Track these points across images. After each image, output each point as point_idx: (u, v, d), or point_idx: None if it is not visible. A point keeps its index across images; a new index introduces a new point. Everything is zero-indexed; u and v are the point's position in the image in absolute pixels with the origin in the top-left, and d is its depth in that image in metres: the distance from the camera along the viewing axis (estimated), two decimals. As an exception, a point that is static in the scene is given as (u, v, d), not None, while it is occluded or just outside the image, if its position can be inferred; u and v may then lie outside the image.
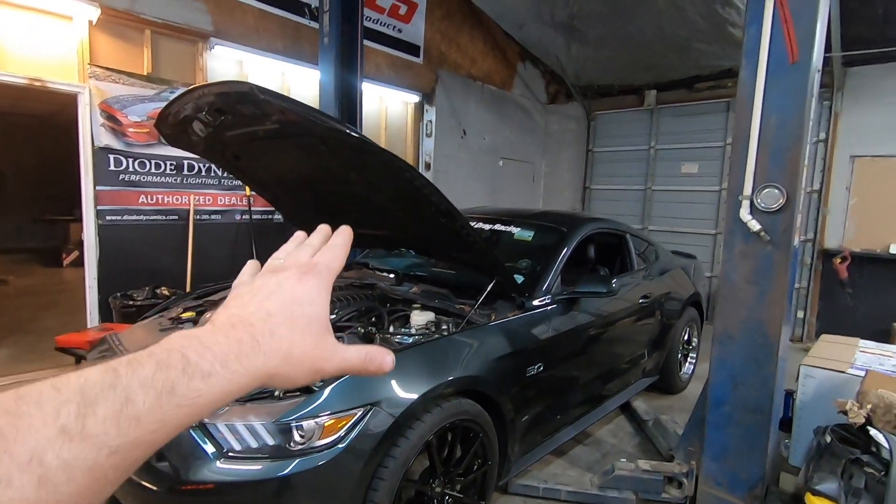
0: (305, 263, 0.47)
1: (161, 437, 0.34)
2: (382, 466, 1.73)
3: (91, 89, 3.81)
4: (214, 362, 0.36)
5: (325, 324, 0.44)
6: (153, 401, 0.33)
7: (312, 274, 0.45)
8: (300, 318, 0.42)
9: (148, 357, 0.34)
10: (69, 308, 5.77)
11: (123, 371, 0.33)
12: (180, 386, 0.34)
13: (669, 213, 7.03)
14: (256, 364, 0.38)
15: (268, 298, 0.42)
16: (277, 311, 0.41)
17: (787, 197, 2.06)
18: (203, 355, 0.36)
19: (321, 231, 0.54)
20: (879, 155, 5.49)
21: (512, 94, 7.56)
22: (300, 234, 0.54)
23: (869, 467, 1.89)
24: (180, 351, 0.35)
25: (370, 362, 0.45)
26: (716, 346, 2.31)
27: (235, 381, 0.37)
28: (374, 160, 1.95)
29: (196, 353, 0.36)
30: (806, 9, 2.00)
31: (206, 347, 0.36)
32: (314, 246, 0.51)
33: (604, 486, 2.56)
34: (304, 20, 5.02)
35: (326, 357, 0.43)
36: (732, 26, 4.97)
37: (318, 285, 0.45)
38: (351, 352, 0.45)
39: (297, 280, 0.44)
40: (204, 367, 0.35)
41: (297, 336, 0.41)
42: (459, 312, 2.39)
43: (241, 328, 0.39)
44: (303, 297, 0.43)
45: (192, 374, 0.35)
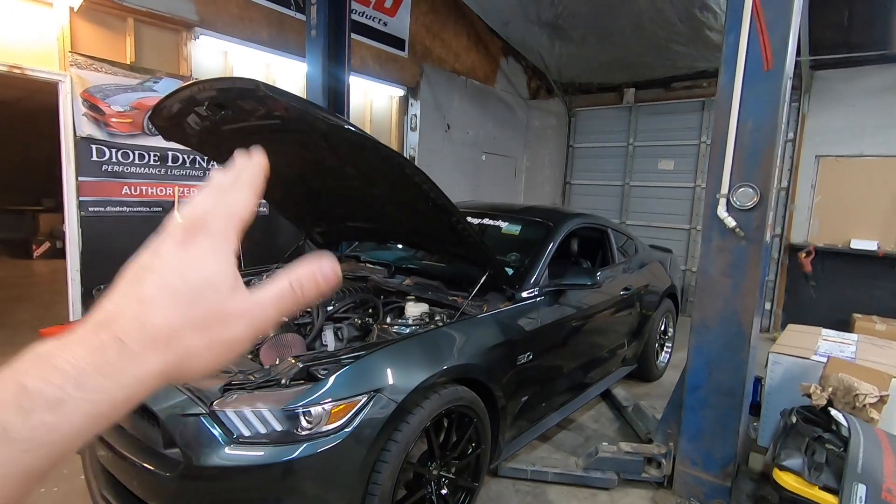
0: (193, 220, 0.36)
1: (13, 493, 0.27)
2: (385, 450, 1.81)
3: (72, 77, 3.73)
4: (65, 385, 0.28)
5: (226, 285, 0.35)
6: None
7: (201, 231, 0.35)
8: (181, 292, 0.33)
9: None
10: (44, 301, 5.64)
11: None
12: (16, 427, 0.27)
13: (646, 208, 7.26)
14: (129, 371, 0.31)
15: (140, 280, 0.34)
16: (152, 295, 0.33)
17: (761, 196, 2.22)
18: (49, 379, 0.28)
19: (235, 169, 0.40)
20: (842, 155, 5.80)
21: (495, 89, 7.64)
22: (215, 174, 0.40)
23: (830, 444, 2.07)
24: (16, 379, 0.28)
25: (302, 287, 0.37)
26: (694, 335, 2.46)
27: (103, 400, 0.30)
28: (374, 156, 2.02)
29: (39, 377, 0.28)
30: (780, 20, 2.14)
31: (53, 367, 0.29)
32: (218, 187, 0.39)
33: (588, 468, 2.70)
34: (289, 11, 4.99)
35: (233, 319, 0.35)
36: (709, 30, 5.15)
37: (211, 243, 0.35)
38: (266, 292, 0.36)
39: (178, 244, 0.35)
40: (50, 395, 0.28)
41: (178, 317, 0.33)
42: (453, 304, 2.48)
43: (103, 331, 0.31)
44: (185, 264, 0.34)
45: (32, 407, 0.27)
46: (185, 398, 1.71)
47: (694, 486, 2.51)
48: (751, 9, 2.17)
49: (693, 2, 4.89)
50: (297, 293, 0.37)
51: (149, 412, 1.71)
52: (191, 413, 1.66)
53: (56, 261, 7.15)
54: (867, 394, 2.31)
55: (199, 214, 0.37)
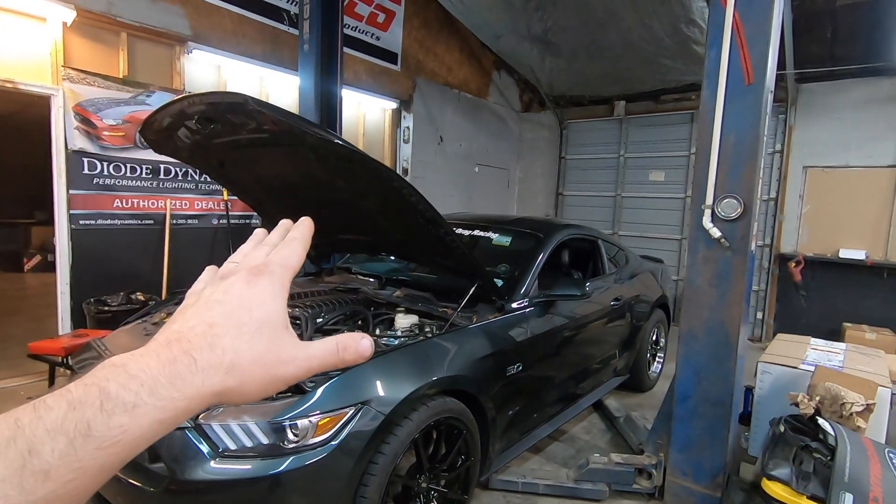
0: (257, 265, 0.42)
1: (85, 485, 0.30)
2: (373, 463, 1.80)
3: (65, 91, 3.75)
4: (140, 391, 0.32)
5: (281, 325, 0.40)
6: (64, 448, 0.29)
7: (264, 274, 0.41)
8: (247, 324, 0.38)
9: (59, 398, 0.31)
10: (35, 314, 5.59)
11: (27, 419, 0.30)
12: (98, 425, 0.30)
13: (638, 218, 7.32)
14: (195, 384, 0.35)
15: (210, 309, 0.39)
16: (221, 322, 0.38)
17: (745, 206, 2.25)
18: (127, 385, 0.32)
19: (281, 227, 0.50)
20: (829, 166, 5.89)
21: (487, 102, 7.73)
22: (259, 232, 0.50)
23: (817, 453, 2.07)
24: (99, 384, 0.32)
25: (344, 351, 0.42)
26: (682, 345, 2.48)
27: (169, 407, 0.33)
28: (363, 170, 2.04)
29: (119, 383, 0.32)
30: (760, 36, 2.19)
31: (132, 376, 0.33)
32: (272, 244, 0.47)
33: (579, 480, 2.69)
34: (282, 26, 5.05)
35: (286, 360, 0.39)
36: (695, 44, 5.25)
37: (271, 285, 0.41)
38: (317, 347, 0.41)
39: (245, 283, 0.40)
40: (127, 399, 0.32)
41: (243, 344, 0.37)
42: (442, 315, 2.49)
43: (175, 346, 0.35)
44: (251, 300, 0.39)
45: (113, 409, 0.31)
46: (171, 412, 1.69)
47: (685, 497, 2.50)
48: (731, 25, 2.23)
49: (679, 17, 4.99)
50: (340, 354, 0.42)
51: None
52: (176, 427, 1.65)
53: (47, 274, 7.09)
54: (854, 402, 2.33)
55: (262, 260, 0.44)
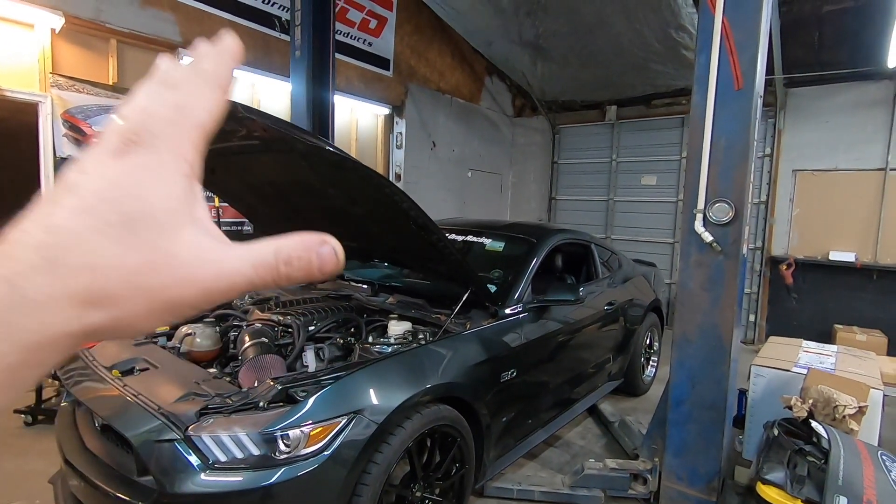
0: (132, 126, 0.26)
1: None
2: (366, 472, 1.78)
3: (53, 98, 3.71)
4: None
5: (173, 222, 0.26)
6: None
7: (141, 142, 0.26)
8: (111, 225, 0.25)
9: None
10: None
11: None
12: None
13: (630, 222, 7.35)
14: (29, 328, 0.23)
15: (56, 202, 0.25)
16: (67, 224, 0.24)
17: (736, 210, 2.26)
18: None
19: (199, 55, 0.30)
20: (818, 169, 5.95)
21: (480, 108, 7.75)
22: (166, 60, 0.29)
23: (811, 456, 2.07)
24: None
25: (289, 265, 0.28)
26: (675, 349, 2.48)
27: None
28: (354, 176, 2.02)
29: None
30: (749, 41, 2.21)
31: None
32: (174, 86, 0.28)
33: (574, 486, 2.68)
34: (274, 32, 5.04)
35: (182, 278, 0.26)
36: (685, 49, 5.30)
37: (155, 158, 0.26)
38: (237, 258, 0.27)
39: (111, 158, 0.26)
40: None
41: (104, 259, 0.24)
42: (436, 322, 2.48)
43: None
44: (120, 187, 0.25)
45: None
46: (160, 423, 1.67)
47: (680, 501, 2.50)
48: (720, 30, 2.25)
49: (669, 22, 5.04)
50: (280, 269, 0.28)
51: (121, 438, 1.67)
52: (165, 439, 1.63)
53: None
54: (846, 405, 2.34)
55: (142, 117, 0.27)
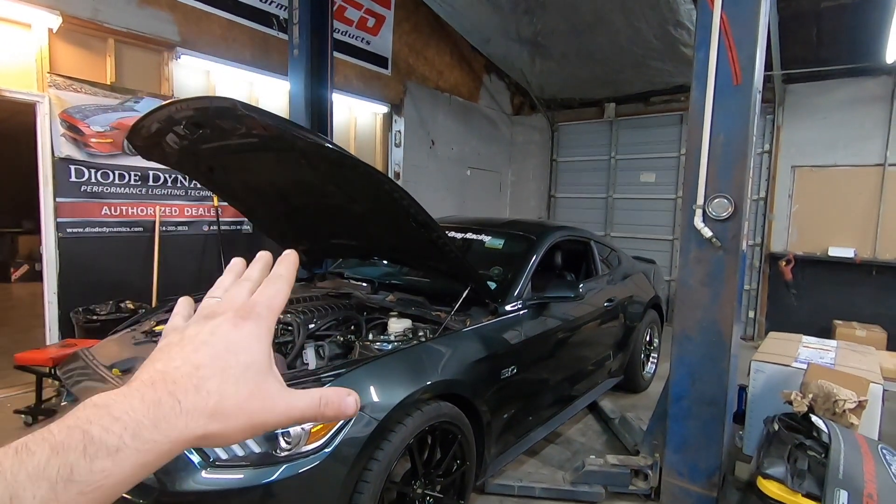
0: (242, 306, 0.42)
1: None
2: (367, 469, 1.78)
3: (51, 98, 3.71)
4: (124, 434, 0.31)
5: (266, 370, 0.40)
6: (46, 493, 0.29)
7: (251, 318, 0.41)
8: (233, 367, 0.38)
9: (41, 441, 0.30)
10: (22, 325, 5.51)
11: (8, 464, 0.29)
12: (80, 470, 0.30)
13: (630, 220, 7.35)
14: (178, 427, 0.34)
15: (197, 350, 0.38)
16: (207, 364, 0.37)
17: (735, 206, 2.26)
18: (110, 428, 0.31)
19: (261, 260, 0.49)
20: (817, 165, 5.95)
21: (478, 106, 7.75)
22: (237, 262, 0.49)
23: (811, 451, 2.08)
24: (82, 427, 0.31)
25: (326, 406, 0.41)
26: (675, 345, 2.48)
27: (152, 451, 0.33)
28: (353, 174, 2.02)
29: (102, 426, 0.31)
30: (747, 37, 2.21)
31: (115, 418, 0.32)
32: (253, 280, 0.45)
33: (575, 482, 2.68)
34: (272, 31, 5.03)
35: (268, 407, 0.38)
36: (684, 46, 5.30)
37: (257, 329, 0.40)
38: (300, 398, 0.40)
39: (232, 326, 0.40)
40: (110, 443, 0.31)
41: (228, 388, 0.37)
42: (436, 319, 2.48)
43: (160, 387, 0.35)
44: (238, 344, 0.39)
45: (96, 453, 0.30)
46: (161, 422, 1.66)
47: (681, 497, 2.50)
48: (719, 26, 2.24)
49: (667, 19, 5.04)
50: (320, 409, 0.41)
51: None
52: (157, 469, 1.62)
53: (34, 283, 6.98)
54: (846, 399, 2.34)
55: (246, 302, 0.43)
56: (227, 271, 0.48)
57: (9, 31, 3.56)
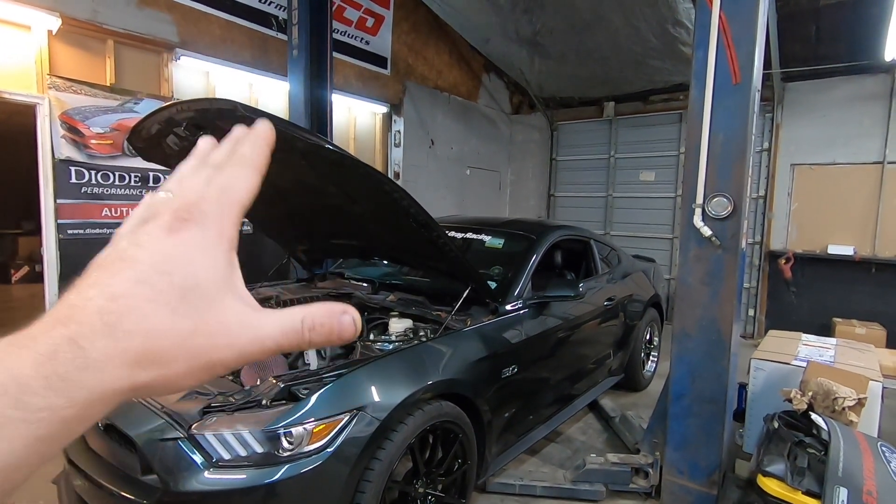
0: (185, 204, 0.31)
1: None
2: (369, 469, 1.79)
3: (50, 100, 3.71)
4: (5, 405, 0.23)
5: (217, 292, 0.30)
6: None
7: (192, 220, 0.30)
8: (164, 293, 0.28)
9: None
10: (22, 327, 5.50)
11: None
12: None
13: (629, 218, 7.36)
14: (87, 384, 0.25)
15: (116, 273, 0.28)
16: (127, 291, 0.27)
17: (734, 205, 2.27)
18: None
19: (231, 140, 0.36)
20: (816, 163, 5.96)
21: (478, 105, 7.75)
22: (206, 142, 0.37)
23: (811, 448, 2.09)
24: None
25: (313, 331, 0.31)
26: (675, 344, 2.49)
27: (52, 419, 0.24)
28: (353, 174, 2.03)
29: None
30: (746, 35, 2.21)
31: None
32: (217, 165, 0.34)
33: (576, 481, 2.69)
34: (271, 32, 5.03)
35: (223, 342, 0.29)
36: (683, 45, 5.30)
37: (202, 235, 0.30)
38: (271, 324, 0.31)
39: (165, 233, 0.30)
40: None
41: (157, 324, 0.27)
42: (436, 319, 2.48)
43: (59, 330, 0.26)
44: (173, 259, 0.29)
45: None
46: (163, 422, 1.68)
47: (681, 495, 2.51)
48: (717, 25, 2.25)
49: (666, 18, 5.04)
50: (305, 335, 0.31)
51: (125, 438, 1.67)
52: (169, 437, 1.63)
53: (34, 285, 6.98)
54: (846, 397, 2.35)
55: (192, 196, 0.31)
56: (191, 155, 0.36)
57: (8, 32, 3.56)
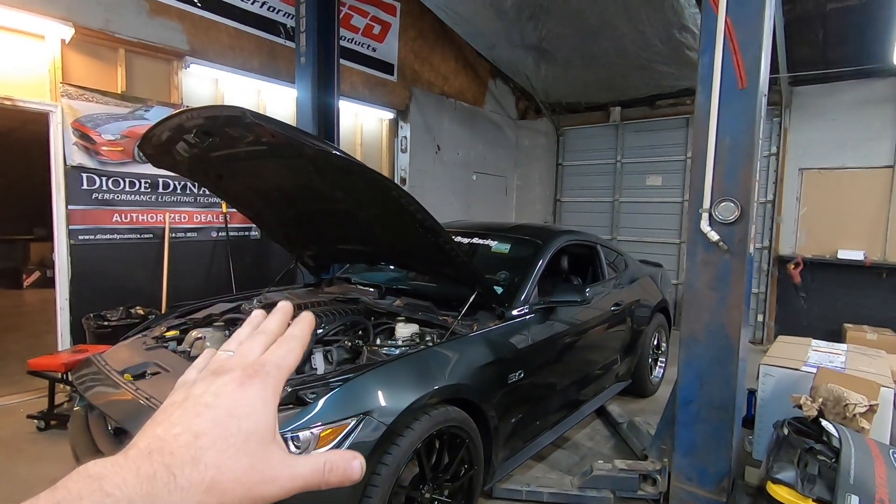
0: (251, 364, 0.40)
1: None
2: (375, 474, 1.79)
3: (63, 108, 3.77)
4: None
5: (268, 438, 0.37)
6: None
7: (258, 376, 0.38)
8: (234, 436, 0.35)
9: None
10: (34, 331, 5.58)
11: None
12: None
13: (636, 223, 7.33)
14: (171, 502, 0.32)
15: (199, 415, 0.35)
16: (207, 431, 0.34)
17: (742, 209, 2.26)
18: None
19: (280, 311, 0.47)
20: (825, 167, 5.91)
21: (484, 111, 7.77)
22: (257, 315, 0.48)
23: (821, 455, 2.06)
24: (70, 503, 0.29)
25: (330, 473, 0.39)
26: (683, 349, 2.47)
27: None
28: (361, 180, 2.05)
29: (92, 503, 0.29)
30: (752, 40, 2.21)
31: (107, 493, 0.30)
32: (269, 333, 0.44)
33: (583, 487, 2.68)
34: (279, 39, 5.09)
35: (269, 479, 0.36)
36: (689, 49, 5.30)
37: (263, 391, 0.38)
38: (303, 466, 0.38)
39: (237, 386, 0.37)
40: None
41: (227, 460, 0.34)
42: (443, 324, 2.49)
43: (157, 459, 0.32)
44: (242, 408, 0.36)
45: None
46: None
47: (689, 502, 2.48)
48: (723, 30, 2.25)
49: (672, 23, 5.04)
50: (325, 476, 0.39)
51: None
52: None
53: (46, 290, 7.08)
54: (857, 403, 2.32)
55: (258, 360, 0.40)
56: (246, 323, 0.46)
57: (23, 42, 3.63)
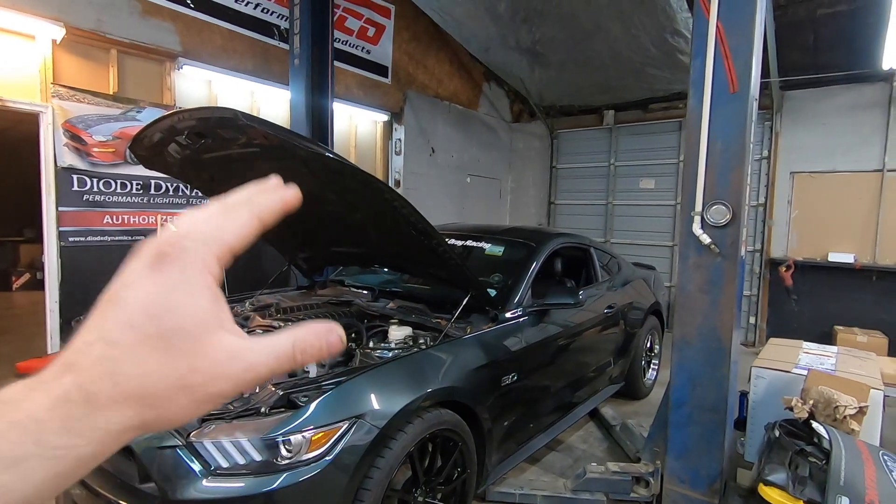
0: (165, 240, 0.30)
1: None
2: (368, 477, 1.78)
3: (54, 108, 3.74)
4: (24, 441, 0.26)
5: (207, 330, 0.30)
6: None
7: (170, 257, 0.30)
8: (153, 338, 0.28)
9: None
10: (24, 333, 5.51)
11: None
12: None
13: (629, 226, 7.37)
14: (98, 425, 0.27)
15: (107, 316, 0.29)
16: (119, 337, 0.28)
17: (733, 213, 2.27)
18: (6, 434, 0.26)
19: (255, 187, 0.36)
20: (816, 171, 5.97)
21: (478, 113, 7.79)
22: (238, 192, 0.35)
23: (812, 457, 2.08)
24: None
25: (305, 354, 0.32)
26: (675, 352, 2.48)
27: (68, 457, 0.27)
28: (354, 182, 2.04)
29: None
30: (743, 45, 2.23)
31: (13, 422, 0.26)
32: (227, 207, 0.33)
33: (576, 490, 2.67)
34: (273, 41, 5.08)
35: (218, 376, 0.30)
36: (681, 53, 5.34)
37: (181, 273, 0.29)
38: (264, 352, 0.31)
39: (148, 271, 0.29)
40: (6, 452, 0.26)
41: (153, 368, 0.28)
42: (436, 326, 2.48)
43: (68, 378, 0.27)
44: (156, 300, 0.29)
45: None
46: (162, 430, 1.67)
47: (683, 504, 2.49)
48: (715, 35, 2.27)
49: (664, 27, 5.08)
50: (297, 357, 0.32)
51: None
52: (167, 445, 1.63)
53: (36, 292, 7.00)
54: (847, 405, 2.34)
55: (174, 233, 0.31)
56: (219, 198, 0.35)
57: (13, 42, 3.60)
